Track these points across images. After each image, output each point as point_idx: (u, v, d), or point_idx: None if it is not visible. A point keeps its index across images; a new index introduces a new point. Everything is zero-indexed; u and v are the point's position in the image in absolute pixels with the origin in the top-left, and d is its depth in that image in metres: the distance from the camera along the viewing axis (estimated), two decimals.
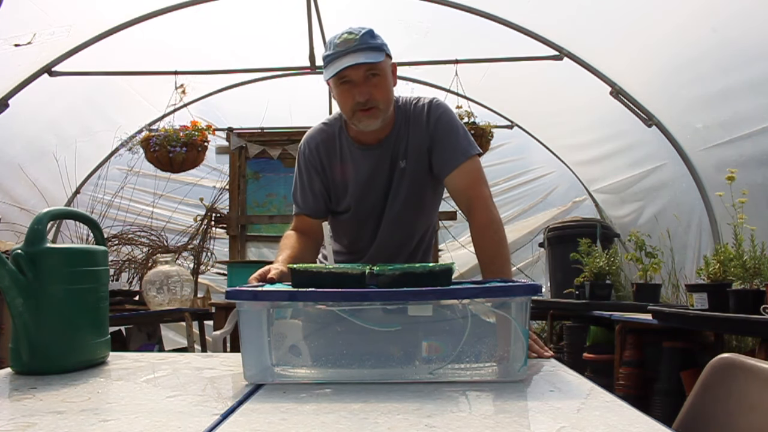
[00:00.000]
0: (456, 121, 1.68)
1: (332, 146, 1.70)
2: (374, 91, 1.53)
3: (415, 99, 1.71)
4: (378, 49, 1.53)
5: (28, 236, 1.07)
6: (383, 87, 1.55)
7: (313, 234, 1.69)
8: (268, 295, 0.99)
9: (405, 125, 1.67)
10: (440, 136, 1.64)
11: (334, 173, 1.71)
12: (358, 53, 1.49)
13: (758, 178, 2.90)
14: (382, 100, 1.55)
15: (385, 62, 1.55)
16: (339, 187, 1.72)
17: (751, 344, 2.67)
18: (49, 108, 4.12)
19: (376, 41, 1.53)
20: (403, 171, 1.67)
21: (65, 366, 1.07)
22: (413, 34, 4.15)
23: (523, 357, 0.95)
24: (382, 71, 1.54)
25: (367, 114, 1.55)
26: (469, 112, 4.10)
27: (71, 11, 3.43)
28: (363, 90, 1.52)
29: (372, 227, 1.74)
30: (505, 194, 5.22)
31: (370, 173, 1.68)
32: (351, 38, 1.50)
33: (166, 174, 4.41)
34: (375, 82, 1.53)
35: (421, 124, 1.65)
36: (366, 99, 1.53)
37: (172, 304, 3.73)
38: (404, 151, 1.66)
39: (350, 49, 1.49)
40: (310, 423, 0.73)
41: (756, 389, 0.94)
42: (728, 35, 2.84)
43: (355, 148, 1.68)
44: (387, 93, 1.57)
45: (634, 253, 3.32)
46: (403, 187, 1.68)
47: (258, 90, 4.86)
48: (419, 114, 1.66)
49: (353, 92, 1.53)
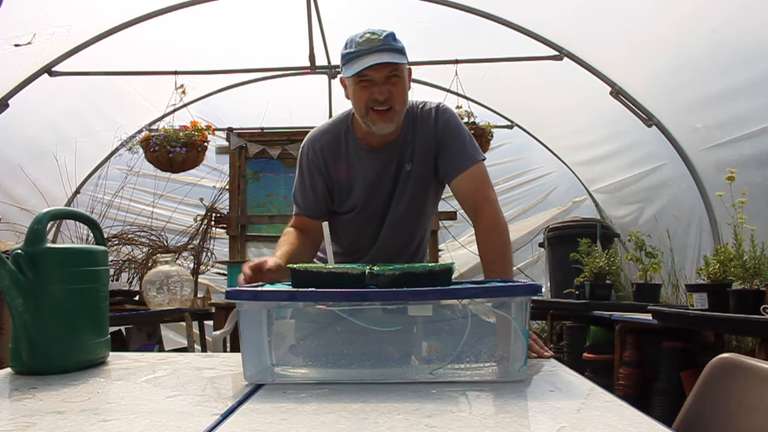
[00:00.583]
0: (463, 127, 1.69)
1: (338, 147, 1.70)
2: (393, 91, 1.54)
3: (421, 103, 1.72)
4: (401, 51, 1.54)
5: (28, 236, 1.07)
6: (401, 89, 1.56)
7: (312, 233, 1.69)
8: (268, 295, 0.99)
9: (412, 128, 1.68)
10: (448, 140, 1.65)
11: (339, 174, 1.70)
12: (382, 53, 1.49)
13: (758, 178, 2.90)
14: (398, 101, 1.56)
15: (405, 66, 1.56)
16: (343, 188, 1.72)
17: (751, 344, 2.67)
18: (49, 108, 4.12)
19: (398, 44, 1.54)
20: (409, 174, 1.68)
21: (65, 366, 1.07)
22: (413, 34, 4.15)
23: (523, 357, 0.95)
24: (402, 74, 1.56)
25: (383, 117, 1.55)
26: (469, 112, 4.10)
27: (71, 11, 3.43)
28: (383, 89, 1.53)
29: (374, 229, 1.74)
30: (505, 194, 5.22)
31: (376, 176, 1.68)
32: (375, 38, 1.51)
33: (166, 174, 4.41)
34: (395, 83, 1.54)
35: (429, 128, 1.66)
36: (385, 98, 1.53)
37: (172, 304, 3.73)
38: (411, 155, 1.67)
39: (374, 48, 1.49)
40: (310, 423, 0.73)
41: (756, 389, 0.94)
42: (728, 35, 2.84)
43: (362, 150, 1.68)
44: (404, 96, 1.58)
45: (634, 253, 3.32)
46: (408, 190, 1.69)
47: (258, 90, 4.86)
48: (426, 118, 1.68)
49: (372, 90, 1.53)
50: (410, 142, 1.67)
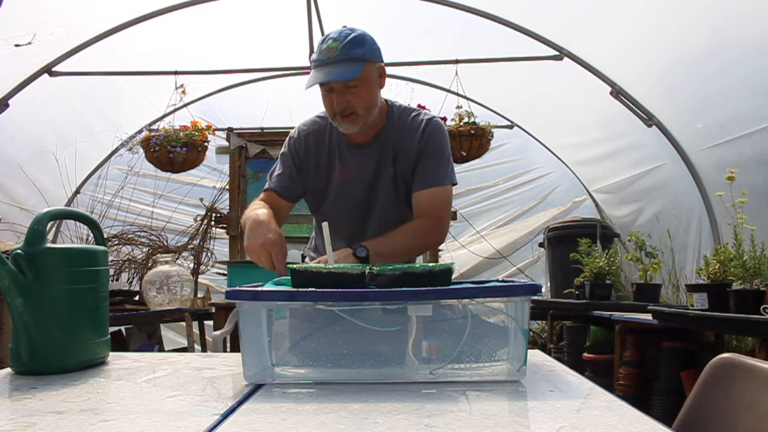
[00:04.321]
0: (446, 146, 1.73)
1: (322, 138, 1.76)
2: (352, 100, 1.58)
3: (416, 111, 1.76)
4: (358, 60, 1.55)
5: (28, 236, 1.07)
6: (362, 95, 1.59)
7: (279, 213, 1.71)
8: (268, 295, 0.99)
9: (399, 131, 1.71)
10: (427, 153, 1.69)
11: (320, 164, 1.75)
12: (334, 67, 1.54)
13: (758, 178, 2.90)
14: (360, 108, 1.60)
15: (365, 72, 1.57)
16: (321, 176, 1.76)
17: (751, 344, 2.67)
18: (49, 108, 4.12)
19: (356, 52, 1.55)
20: (392, 176, 1.71)
21: (65, 366, 1.07)
22: (413, 34, 4.15)
23: (523, 357, 0.95)
24: (362, 80, 1.58)
25: (347, 120, 1.61)
26: (469, 112, 4.10)
27: (71, 11, 3.43)
28: (341, 99, 1.58)
29: (358, 229, 1.76)
30: (505, 194, 5.22)
31: (356, 170, 1.73)
32: (334, 47, 1.54)
33: (166, 174, 4.41)
34: (354, 92, 1.58)
35: (415, 135, 1.70)
36: (343, 108, 1.58)
37: (172, 304, 3.73)
38: (393, 157, 1.71)
39: (331, 59, 1.53)
40: (310, 423, 0.73)
41: (756, 389, 0.94)
42: (728, 35, 2.84)
43: (344, 143, 1.74)
44: (366, 100, 1.61)
45: (634, 253, 3.32)
46: (390, 190, 1.73)
47: (258, 90, 4.87)
48: (417, 125, 1.71)
49: (333, 99, 1.59)
50: (394, 145, 1.71)
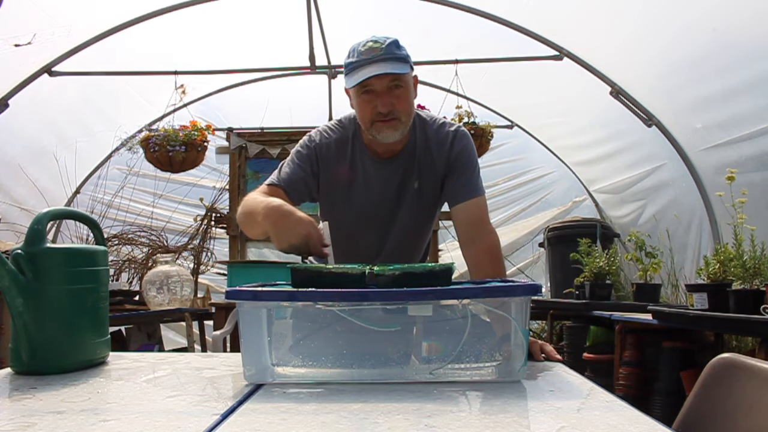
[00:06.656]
0: (476, 157, 1.69)
1: (344, 148, 1.67)
2: (396, 102, 1.51)
3: (440, 120, 1.70)
4: (403, 60, 1.51)
5: (28, 236, 1.07)
6: (405, 99, 1.54)
7: None
8: (268, 295, 0.99)
9: (424, 143, 1.65)
10: (460, 166, 1.64)
11: (340, 175, 1.67)
12: (383, 63, 1.47)
13: (758, 178, 2.90)
14: (403, 112, 1.54)
15: (408, 74, 1.54)
16: (339, 189, 1.68)
17: (751, 344, 2.67)
18: (49, 108, 4.12)
19: (401, 52, 1.51)
20: (417, 192, 1.66)
21: (65, 366, 1.07)
22: (413, 34, 4.14)
23: (523, 357, 0.95)
24: (405, 83, 1.53)
25: (388, 125, 1.53)
26: (469, 112, 4.10)
27: (71, 11, 3.43)
28: (385, 100, 1.50)
29: (377, 240, 1.72)
30: (505, 194, 5.22)
31: (380, 187, 1.66)
32: (377, 47, 1.48)
33: (166, 174, 4.41)
34: (398, 94, 1.52)
35: (443, 149, 1.64)
36: (388, 110, 1.51)
37: (172, 304, 3.73)
38: (418, 172, 1.65)
39: (376, 57, 1.47)
40: (310, 423, 0.73)
41: (756, 389, 0.94)
42: (728, 35, 2.84)
43: (368, 157, 1.66)
44: (409, 105, 1.56)
45: (634, 253, 3.32)
46: (413, 206, 1.68)
47: (258, 90, 4.87)
48: (442, 138, 1.65)
49: (375, 102, 1.51)
50: (419, 158, 1.65)
